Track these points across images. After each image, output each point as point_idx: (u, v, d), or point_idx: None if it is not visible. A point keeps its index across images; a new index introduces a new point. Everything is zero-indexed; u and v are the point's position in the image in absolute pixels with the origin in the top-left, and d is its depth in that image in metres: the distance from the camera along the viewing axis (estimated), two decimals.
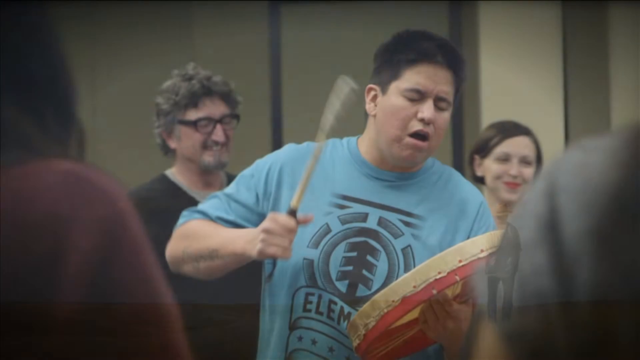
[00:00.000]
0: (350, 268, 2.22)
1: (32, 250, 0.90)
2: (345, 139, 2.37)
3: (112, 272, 0.92)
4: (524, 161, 3.10)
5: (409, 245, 2.23)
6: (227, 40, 5.22)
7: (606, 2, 4.93)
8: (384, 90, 2.26)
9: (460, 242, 2.09)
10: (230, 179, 2.85)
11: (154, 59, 4.88)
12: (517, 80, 5.08)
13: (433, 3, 5.20)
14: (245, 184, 2.31)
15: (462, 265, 1.93)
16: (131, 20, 5.16)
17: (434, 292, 1.94)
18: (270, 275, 2.27)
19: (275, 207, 2.25)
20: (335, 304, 2.21)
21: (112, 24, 5.18)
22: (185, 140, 2.98)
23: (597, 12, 5.07)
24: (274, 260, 2.22)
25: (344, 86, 2.15)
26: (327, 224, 2.24)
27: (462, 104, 5.09)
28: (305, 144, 2.35)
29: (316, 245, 2.23)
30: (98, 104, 5.11)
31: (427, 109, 2.22)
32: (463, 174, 2.49)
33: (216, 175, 3.03)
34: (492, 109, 5.00)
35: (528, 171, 3.10)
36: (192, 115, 2.96)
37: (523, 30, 5.05)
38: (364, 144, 2.33)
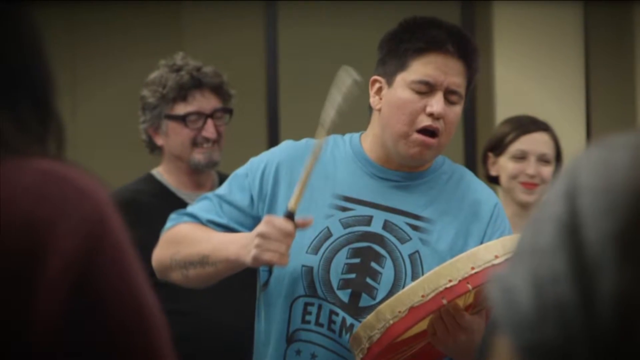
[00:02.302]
0: (353, 276, 2.22)
1: (10, 252, 0.90)
2: (347, 136, 2.37)
3: (94, 276, 0.92)
4: (542, 159, 3.10)
5: (417, 251, 2.23)
6: (221, 35, 5.23)
7: (630, 2, 4.96)
8: (389, 83, 2.26)
9: (473, 247, 2.09)
10: (222, 178, 2.85)
11: (141, 55, 4.88)
12: (536, 77, 5.09)
13: (444, 3, 5.20)
14: (239, 184, 2.31)
15: (475, 273, 1.94)
16: (116, 15, 5.17)
17: (444, 301, 1.94)
18: (266, 283, 2.27)
19: (271, 210, 2.26)
20: (337, 314, 2.21)
21: (94, 19, 5.18)
22: (174, 137, 2.98)
23: (620, 13, 5.09)
24: (269, 267, 2.23)
25: (346, 78, 2.15)
26: (327, 227, 2.25)
27: (474, 97, 5.09)
28: (304, 140, 2.35)
29: (316, 250, 2.23)
30: (78, 101, 5.11)
31: (436, 103, 2.21)
32: (476, 173, 2.49)
33: (207, 175, 3.03)
34: (507, 103, 5.01)
35: (546, 170, 3.09)
36: (181, 109, 2.96)
37: (542, 31, 5.06)
38: (368, 141, 2.33)
